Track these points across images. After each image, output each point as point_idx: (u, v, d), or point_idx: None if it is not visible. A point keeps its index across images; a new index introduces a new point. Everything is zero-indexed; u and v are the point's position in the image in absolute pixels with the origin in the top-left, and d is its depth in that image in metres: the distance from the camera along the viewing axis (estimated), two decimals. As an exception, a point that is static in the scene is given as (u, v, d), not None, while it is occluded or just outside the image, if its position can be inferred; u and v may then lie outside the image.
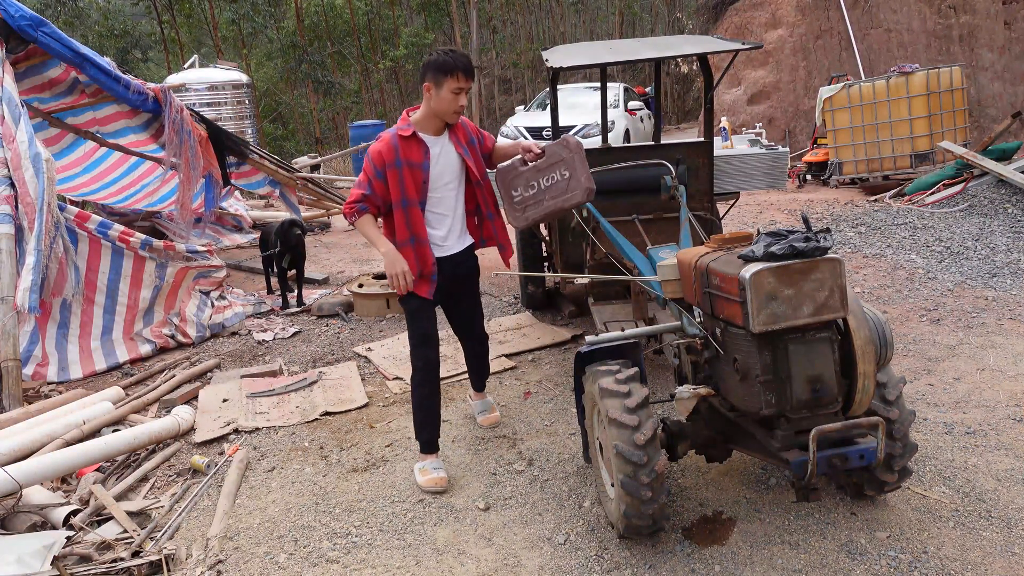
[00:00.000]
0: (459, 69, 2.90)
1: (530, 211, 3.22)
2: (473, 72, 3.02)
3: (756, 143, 5.52)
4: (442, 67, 2.90)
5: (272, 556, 2.80)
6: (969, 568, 2.48)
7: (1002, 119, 9.78)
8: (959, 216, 7.40)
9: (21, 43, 5.09)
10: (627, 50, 5.17)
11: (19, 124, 4.64)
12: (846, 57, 12.32)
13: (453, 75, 2.90)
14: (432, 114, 3.02)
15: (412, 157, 3.00)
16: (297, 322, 5.73)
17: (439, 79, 2.91)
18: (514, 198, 3.25)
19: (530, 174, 3.22)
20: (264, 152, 7.72)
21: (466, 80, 2.94)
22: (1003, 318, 4.82)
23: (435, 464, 3.24)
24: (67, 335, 4.86)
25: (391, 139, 3.00)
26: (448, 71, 2.89)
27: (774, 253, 2.24)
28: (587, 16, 28.64)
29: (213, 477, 3.40)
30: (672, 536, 2.74)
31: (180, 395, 4.29)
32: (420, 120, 3.05)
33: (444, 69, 2.90)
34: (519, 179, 3.24)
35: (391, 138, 3.00)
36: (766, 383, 2.33)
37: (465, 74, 2.92)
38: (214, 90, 12.37)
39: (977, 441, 3.29)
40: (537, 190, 3.21)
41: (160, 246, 5.36)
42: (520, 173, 3.25)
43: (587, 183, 3.12)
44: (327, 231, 9.57)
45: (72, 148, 7.06)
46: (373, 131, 13.36)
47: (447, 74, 2.90)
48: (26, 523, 2.97)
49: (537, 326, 5.21)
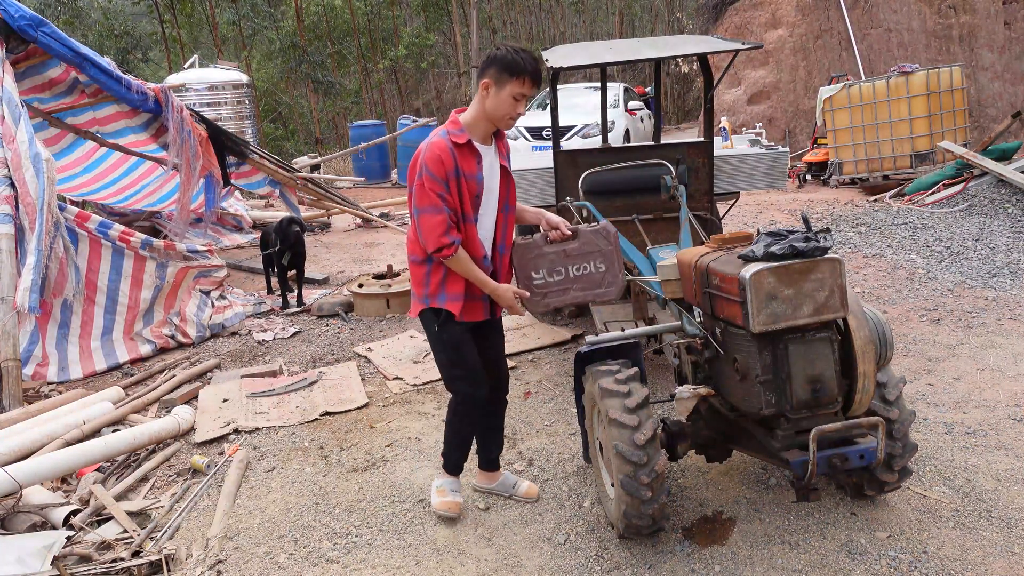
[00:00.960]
0: (527, 73, 2.56)
1: (551, 298, 2.85)
2: (540, 80, 2.70)
3: (756, 143, 5.52)
4: (510, 66, 2.54)
5: (272, 556, 2.80)
6: (969, 568, 2.48)
7: (1002, 119, 9.79)
8: (959, 216, 7.40)
9: (21, 43, 5.08)
10: (627, 50, 5.17)
11: (19, 124, 4.64)
12: (846, 57, 12.32)
13: (520, 78, 2.55)
14: (484, 117, 2.63)
15: (466, 167, 2.61)
16: (297, 322, 5.73)
17: (503, 79, 2.55)
18: (534, 280, 2.83)
19: (557, 258, 2.83)
20: (264, 152, 7.71)
21: (532, 86, 2.60)
22: (1003, 318, 4.82)
23: (454, 486, 3.02)
24: (67, 335, 4.86)
25: (447, 144, 2.57)
26: (516, 72, 2.54)
27: (774, 253, 2.24)
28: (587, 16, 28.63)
29: (213, 477, 3.40)
30: (672, 536, 2.74)
31: (180, 395, 4.29)
32: (471, 123, 2.65)
33: (512, 69, 2.54)
34: (542, 260, 2.83)
35: (446, 143, 2.57)
36: (766, 383, 2.33)
37: (533, 80, 2.58)
38: (214, 90, 12.38)
39: (977, 441, 3.29)
40: (564, 277, 2.83)
41: (160, 246, 5.36)
42: (544, 254, 2.83)
43: (622, 280, 2.84)
44: (327, 231, 9.57)
45: (72, 148, 7.06)
46: (373, 131, 13.37)
47: (514, 75, 2.54)
48: (26, 523, 2.97)
49: (537, 326, 5.21)
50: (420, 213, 2.58)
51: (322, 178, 10.41)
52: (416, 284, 2.75)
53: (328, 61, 23.31)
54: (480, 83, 2.62)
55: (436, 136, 2.60)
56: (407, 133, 12.52)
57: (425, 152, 2.57)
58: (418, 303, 2.76)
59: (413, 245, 2.73)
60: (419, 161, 2.59)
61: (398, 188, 12.60)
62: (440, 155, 2.55)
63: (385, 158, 13.60)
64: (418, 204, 2.58)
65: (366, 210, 9.36)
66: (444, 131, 2.63)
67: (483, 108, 2.62)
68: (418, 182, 2.58)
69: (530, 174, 4.80)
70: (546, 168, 4.76)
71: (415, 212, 2.61)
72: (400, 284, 5.86)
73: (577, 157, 4.66)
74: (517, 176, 4.77)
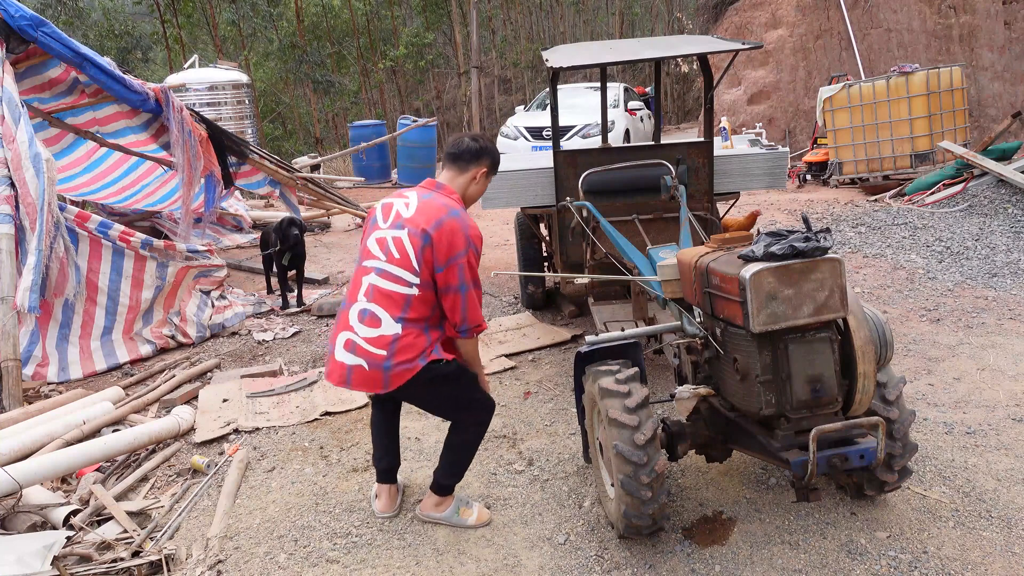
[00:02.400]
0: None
1: None
2: None
3: (756, 143, 5.51)
4: (498, 164, 2.86)
5: (272, 556, 2.80)
6: (969, 568, 2.48)
7: (1002, 119, 9.78)
8: (959, 216, 7.40)
9: (21, 43, 5.07)
10: (627, 50, 5.17)
11: (19, 124, 4.64)
12: (846, 57, 12.32)
13: (495, 174, 2.89)
14: (464, 197, 2.80)
15: None
16: (297, 322, 5.73)
17: (491, 172, 2.85)
18: None
19: None
20: (264, 152, 7.71)
21: None
22: (1003, 318, 4.82)
23: (465, 497, 3.03)
24: (68, 336, 4.86)
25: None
26: (496, 169, 2.87)
27: (774, 253, 2.24)
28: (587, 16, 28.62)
29: (213, 477, 3.40)
30: (672, 536, 2.74)
31: (180, 395, 4.29)
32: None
33: (498, 166, 2.87)
34: None
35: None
36: (766, 383, 2.33)
37: None
38: (214, 90, 12.36)
39: (977, 441, 3.29)
40: None
41: (161, 245, 5.36)
42: None
43: None
44: (327, 231, 9.57)
45: (72, 148, 7.06)
46: (373, 131, 13.35)
47: (495, 171, 2.87)
48: (26, 523, 2.97)
49: (537, 326, 5.21)
50: (469, 288, 2.61)
51: (322, 178, 10.41)
52: (411, 350, 2.58)
53: (328, 61, 23.31)
54: (475, 169, 2.77)
55: (464, 214, 2.66)
56: (407, 133, 12.52)
57: (470, 229, 2.62)
58: (415, 364, 2.59)
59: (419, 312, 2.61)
60: (463, 237, 2.59)
61: (398, 188, 12.61)
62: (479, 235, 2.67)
63: (385, 158, 13.59)
64: (467, 279, 2.60)
65: (366, 210, 9.35)
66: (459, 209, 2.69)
67: (464, 192, 2.78)
68: (464, 258, 2.58)
69: (530, 174, 4.80)
70: (546, 168, 4.76)
71: (461, 287, 2.59)
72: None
73: (577, 157, 4.66)
74: (518, 176, 4.82)
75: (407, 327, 2.58)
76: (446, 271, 2.58)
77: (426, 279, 2.59)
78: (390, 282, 2.60)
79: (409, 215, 2.64)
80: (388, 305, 2.59)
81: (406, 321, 2.58)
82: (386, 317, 2.58)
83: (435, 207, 2.63)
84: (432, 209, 2.62)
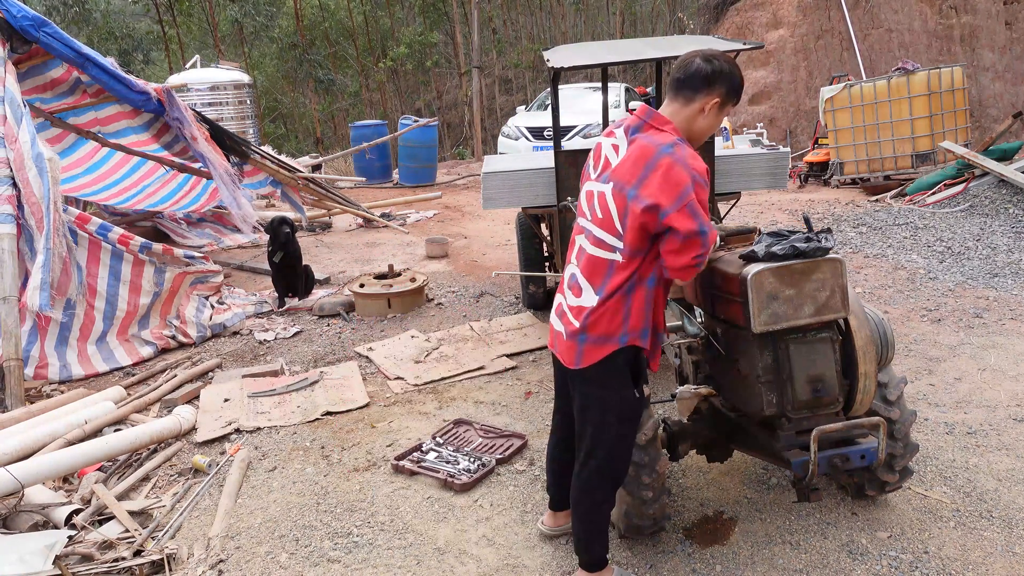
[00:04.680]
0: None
1: None
2: None
3: (757, 143, 5.52)
4: (738, 91, 2.27)
5: (273, 555, 2.80)
6: (970, 568, 2.48)
7: (1003, 119, 9.78)
8: (960, 216, 7.39)
9: (23, 43, 5.09)
10: (628, 50, 5.17)
11: (21, 124, 4.64)
12: (847, 57, 12.32)
13: (736, 103, 2.31)
14: (689, 134, 2.26)
15: None
16: (298, 322, 5.73)
17: (728, 101, 2.26)
18: None
19: None
20: (265, 152, 7.72)
21: None
22: (1004, 318, 4.82)
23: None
24: (67, 339, 4.84)
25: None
26: (738, 97, 2.29)
27: (775, 253, 2.24)
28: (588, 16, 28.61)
29: (214, 477, 3.41)
30: (673, 536, 2.74)
31: (182, 395, 4.29)
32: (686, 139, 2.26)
33: (739, 93, 2.28)
34: None
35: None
36: (767, 383, 2.33)
37: None
38: (215, 90, 12.37)
39: (978, 441, 3.29)
40: None
41: (159, 250, 5.35)
42: None
43: None
44: (328, 231, 9.57)
45: (74, 148, 7.07)
46: (374, 131, 13.34)
47: (735, 100, 2.29)
48: (28, 522, 2.98)
49: (538, 326, 5.21)
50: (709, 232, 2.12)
51: (323, 178, 10.41)
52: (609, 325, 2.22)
53: (327, 61, 23.31)
54: (705, 98, 2.22)
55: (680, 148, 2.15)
56: (408, 133, 12.52)
57: (692, 161, 2.13)
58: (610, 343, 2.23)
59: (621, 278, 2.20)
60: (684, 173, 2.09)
61: (399, 188, 12.60)
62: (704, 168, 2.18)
63: (386, 158, 13.58)
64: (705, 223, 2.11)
65: (367, 210, 9.36)
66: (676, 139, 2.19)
67: (690, 126, 2.26)
68: (692, 195, 2.09)
69: (531, 174, 4.81)
70: (547, 168, 4.76)
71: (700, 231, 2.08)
72: (401, 284, 5.86)
73: (578, 157, 4.66)
74: (519, 176, 4.83)
75: (607, 298, 2.22)
76: (671, 216, 2.09)
77: (631, 243, 2.18)
78: (595, 246, 2.26)
79: (616, 164, 2.25)
80: (591, 272, 2.26)
81: (607, 290, 2.22)
82: (587, 286, 2.26)
83: (643, 150, 2.18)
84: (640, 154, 2.18)
